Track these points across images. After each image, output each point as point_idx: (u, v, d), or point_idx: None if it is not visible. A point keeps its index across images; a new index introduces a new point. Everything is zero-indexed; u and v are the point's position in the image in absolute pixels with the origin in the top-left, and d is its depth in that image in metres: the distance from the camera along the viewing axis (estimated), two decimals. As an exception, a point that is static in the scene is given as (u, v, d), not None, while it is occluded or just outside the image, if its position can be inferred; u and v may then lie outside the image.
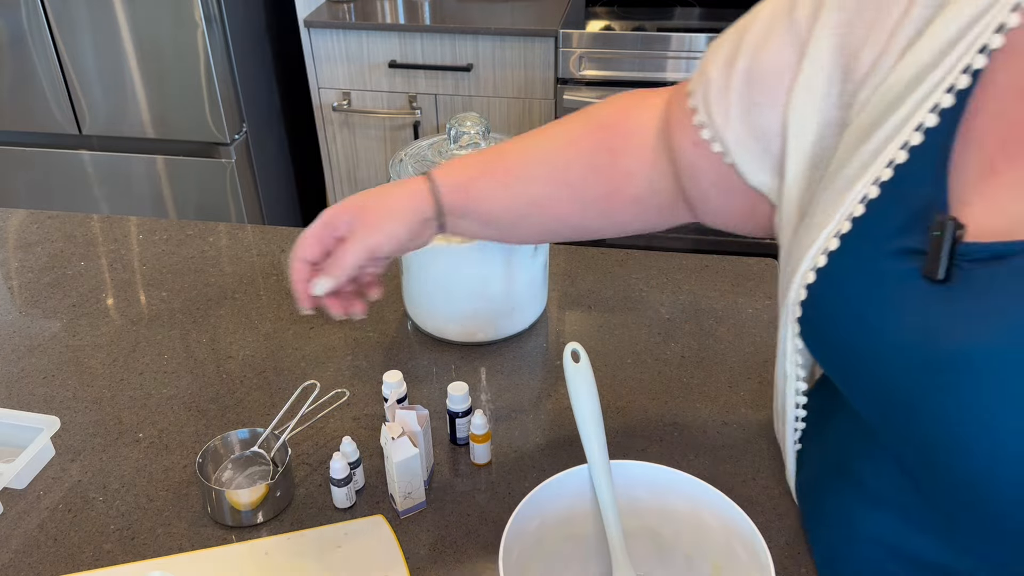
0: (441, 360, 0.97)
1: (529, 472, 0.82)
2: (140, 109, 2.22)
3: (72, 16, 2.11)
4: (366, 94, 2.32)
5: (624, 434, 0.86)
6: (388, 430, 0.75)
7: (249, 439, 0.82)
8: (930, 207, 0.53)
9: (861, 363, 0.56)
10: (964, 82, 0.52)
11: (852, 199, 0.56)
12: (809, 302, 0.59)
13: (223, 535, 0.76)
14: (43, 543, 0.76)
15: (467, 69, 2.21)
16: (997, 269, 0.50)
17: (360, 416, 0.89)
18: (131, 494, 0.80)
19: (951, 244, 0.51)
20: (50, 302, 1.07)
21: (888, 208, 0.55)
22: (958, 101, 0.53)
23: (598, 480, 0.66)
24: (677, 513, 0.66)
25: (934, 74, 0.53)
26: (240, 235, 1.21)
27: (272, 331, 1.01)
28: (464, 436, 0.84)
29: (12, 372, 0.95)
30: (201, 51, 2.11)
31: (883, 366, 0.54)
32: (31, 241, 1.20)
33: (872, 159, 0.56)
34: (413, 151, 0.97)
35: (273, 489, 0.77)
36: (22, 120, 2.29)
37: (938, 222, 0.51)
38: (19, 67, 2.20)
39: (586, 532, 0.68)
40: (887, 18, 0.57)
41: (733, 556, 0.63)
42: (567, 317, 1.04)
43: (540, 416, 0.89)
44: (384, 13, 2.27)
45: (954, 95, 0.53)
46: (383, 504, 0.79)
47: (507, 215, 0.76)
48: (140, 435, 0.87)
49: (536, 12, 2.25)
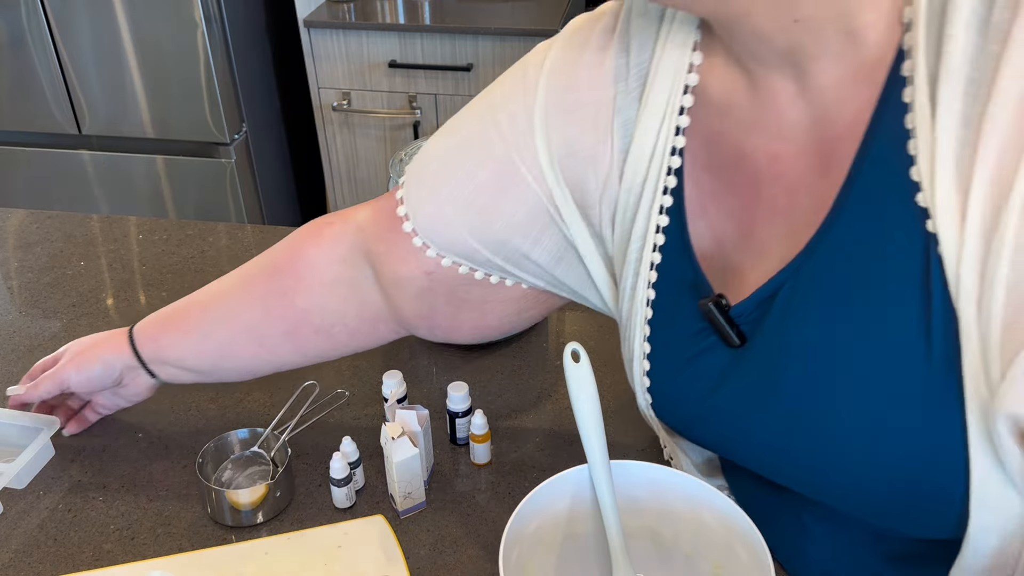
0: (441, 360, 0.97)
1: (529, 472, 0.82)
2: (140, 109, 2.22)
3: (72, 16, 2.10)
4: (366, 94, 2.31)
5: (624, 434, 0.86)
6: (388, 430, 0.75)
7: (249, 439, 0.82)
8: (696, 291, 0.61)
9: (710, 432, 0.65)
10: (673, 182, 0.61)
11: (640, 306, 0.65)
12: (651, 391, 0.68)
13: (223, 535, 0.76)
14: (43, 543, 0.76)
15: (467, 69, 2.21)
16: (772, 309, 0.57)
17: (360, 416, 0.89)
18: (131, 494, 0.80)
19: (725, 316, 0.59)
20: (50, 302, 1.07)
21: (670, 304, 0.63)
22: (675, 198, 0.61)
23: (598, 480, 0.66)
24: (677, 513, 0.66)
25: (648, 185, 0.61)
26: (240, 235, 1.21)
27: (272, 331, 1.01)
28: (464, 436, 0.84)
29: (12, 372, 0.95)
30: (201, 51, 2.11)
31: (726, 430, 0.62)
32: (31, 241, 1.20)
33: (637, 267, 0.64)
34: (413, 151, 0.97)
35: (273, 489, 0.77)
36: (22, 120, 2.29)
37: (704, 306, 0.59)
38: (19, 67, 2.20)
39: (586, 532, 0.68)
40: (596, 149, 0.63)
41: (733, 556, 0.63)
42: (567, 317, 1.04)
43: (540, 416, 0.89)
44: (384, 13, 2.27)
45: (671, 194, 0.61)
46: (383, 504, 0.79)
47: (201, 363, 0.81)
48: (140, 435, 0.87)
49: (536, 12, 2.25)
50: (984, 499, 0.50)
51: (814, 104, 0.54)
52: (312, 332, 0.78)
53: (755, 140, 0.57)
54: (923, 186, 0.48)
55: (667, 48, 0.59)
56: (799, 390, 0.56)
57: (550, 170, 0.64)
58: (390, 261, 0.72)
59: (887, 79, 0.50)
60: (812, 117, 0.54)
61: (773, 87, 0.55)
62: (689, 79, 0.59)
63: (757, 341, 0.58)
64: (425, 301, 0.74)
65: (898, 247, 0.50)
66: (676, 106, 0.59)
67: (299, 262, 0.77)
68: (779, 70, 0.54)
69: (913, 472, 0.52)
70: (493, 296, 0.73)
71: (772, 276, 0.57)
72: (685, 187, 0.61)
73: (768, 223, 0.58)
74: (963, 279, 0.47)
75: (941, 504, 0.53)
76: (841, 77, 0.52)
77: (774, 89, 0.55)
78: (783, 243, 0.57)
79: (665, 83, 0.59)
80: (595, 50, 0.62)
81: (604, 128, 0.62)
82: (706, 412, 0.63)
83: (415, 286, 0.72)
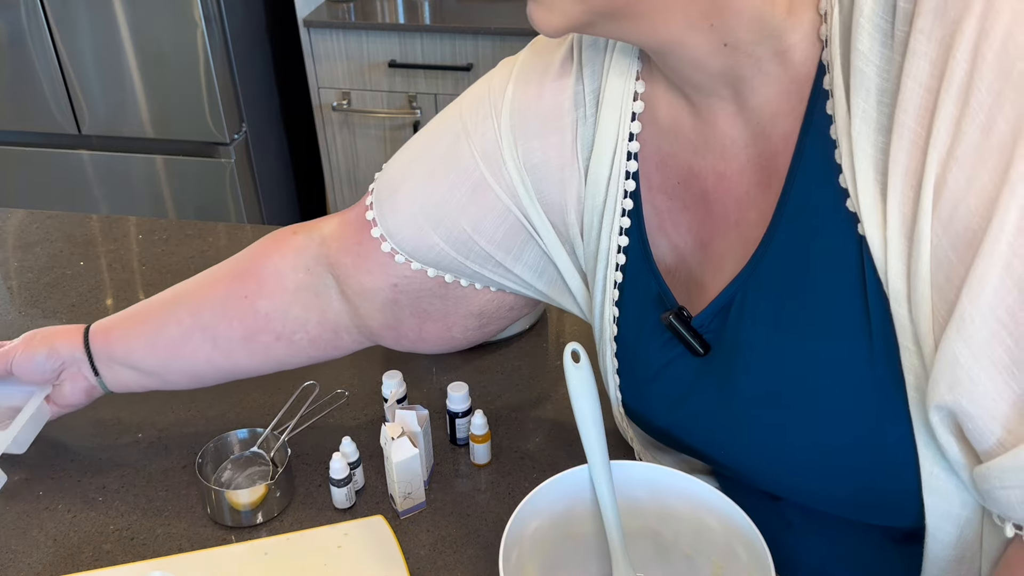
0: (441, 360, 0.97)
1: (529, 472, 0.82)
2: (139, 109, 2.22)
3: (71, 16, 2.10)
4: (366, 94, 2.31)
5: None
6: (388, 430, 0.75)
7: (249, 439, 0.82)
8: (661, 304, 0.64)
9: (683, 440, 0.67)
10: (629, 204, 0.63)
11: (608, 322, 0.67)
12: (624, 404, 0.70)
13: (223, 535, 0.76)
14: (43, 543, 0.76)
15: (467, 69, 2.21)
16: (729, 317, 0.59)
17: (360, 416, 0.89)
18: (131, 494, 0.80)
19: (687, 327, 0.61)
20: (50, 302, 1.07)
21: (636, 318, 0.66)
22: (633, 218, 0.64)
23: (598, 480, 0.66)
24: (677, 513, 0.66)
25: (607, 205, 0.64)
26: (240, 235, 1.21)
27: (272, 331, 1.01)
28: (464, 436, 0.84)
29: (12, 372, 0.95)
30: (201, 51, 2.11)
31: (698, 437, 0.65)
32: (31, 241, 1.20)
33: (604, 285, 0.66)
34: (413, 151, 0.97)
35: (273, 489, 0.77)
36: (21, 120, 2.29)
37: (666, 319, 0.62)
38: (18, 67, 2.19)
39: (586, 532, 0.68)
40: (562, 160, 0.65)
41: (733, 556, 0.63)
42: (567, 317, 1.04)
43: (540, 416, 0.89)
44: (384, 13, 2.27)
45: (628, 216, 0.64)
46: (383, 504, 0.79)
47: (149, 360, 0.80)
48: (140, 435, 0.87)
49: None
50: (935, 488, 0.53)
51: (751, 122, 0.56)
52: (273, 338, 0.77)
53: (702, 160, 0.60)
54: (850, 192, 0.51)
55: (611, 77, 0.62)
56: (753, 394, 0.59)
57: (523, 190, 0.67)
58: (356, 273, 0.73)
59: (811, 93, 0.53)
60: (750, 134, 0.57)
61: (713, 109, 0.57)
62: (636, 107, 0.62)
63: (718, 349, 0.61)
64: (391, 312, 0.75)
65: (834, 252, 0.53)
66: (625, 132, 0.62)
67: (262, 268, 0.77)
68: (716, 94, 0.56)
69: (866, 466, 0.55)
70: (456, 308, 0.75)
71: (726, 285, 0.60)
72: (644, 207, 0.64)
73: (723, 236, 0.60)
74: (891, 278, 0.49)
75: (898, 495, 0.55)
76: (773, 95, 0.54)
77: (713, 111, 0.57)
78: (737, 254, 0.59)
79: (614, 110, 0.62)
80: (556, 76, 0.65)
81: (569, 151, 0.65)
82: (678, 420, 0.66)
83: (381, 297, 0.73)
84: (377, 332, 0.77)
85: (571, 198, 0.66)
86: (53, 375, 0.81)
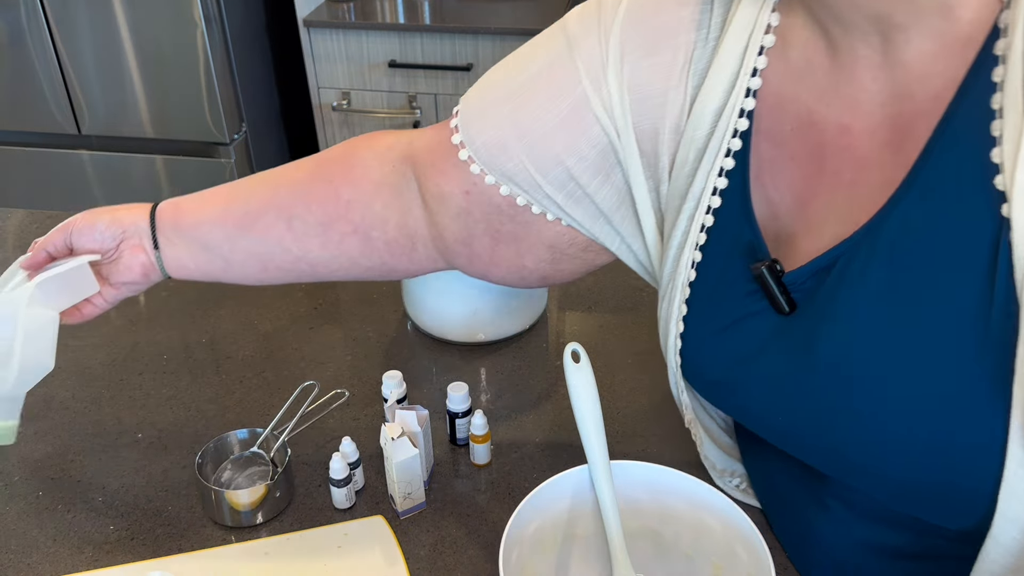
0: (441, 360, 0.97)
1: (529, 472, 0.82)
2: (139, 109, 2.22)
3: (71, 16, 2.10)
4: (366, 94, 2.31)
5: (624, 434, 0.86)
6: (388, 430, 0.75)
7: (249, 439, 0.82)
8: (752, 254, 0.60)
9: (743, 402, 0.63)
10: (737, 144, 0.59)
11: (685, 265, 0.63)
12: (683, 352, 0.66)
13: (223, 535, 0.76)
14: (43, 543, 0.76)
15: (467, 69, 2.21)
16: (827, 280, 0.56)
17: (360, 416, 0.89)
18: (131, 494, 0.80)
19: (778, 282, 0.57)
20: (50, 302, 1.07)
21: (720, 267, 0.62)
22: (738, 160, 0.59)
23: (598, 480, 0.66)
24: (677, 513, 0.66)
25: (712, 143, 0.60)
26: (240, 235, 1.21)
27: (272, 331, 1.01)
28: (464, 436, 0.84)
29: (12, 372, 0.95)
30: (201, 51, 2.11)
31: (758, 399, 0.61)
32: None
33: (688, 227, 0.62)
34: (413, 151, 0.97)
35: (273, 489, 0.77)
36: (21, 120, 2.29)
37: (757, 270, 0.58)
38: (18, 67, 2.19)
39: (586, 532, 0.68)
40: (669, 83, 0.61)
41: (733, 556, 0.63)
42: (567, 317, 1.04)
43: (540, 416, 0.89)
44: (384, 13, 2.27)
45: (733, 157, 0.59)
46: (383, 504, 0.79)
47: (217, 232, 0.75)
48: (139, 435, 0.87)
49: (536, 12, 2.25)
50: (1014, 491, 0.50)
51: (896, 77, 0.52)
52: (350, 230, 0.74)
53: (825, 109, 0.56)
54: (1003, 168, 0.47)
55: (744, 2, 0.57)
56: (842, 363, 0.55)
57: (620, 111, 0.62)
58: (433, 175, 0.70)
59: (977, 57, 0.49)
60: (891, 91, 0.53)
61: (854, 55, 0.53)
62: (765, 40, 0.57)
63: (806, 311, 0.57)
64: (463, 224, 0.71)
65: (967, 230, 0.49)
66: (749, 66, 0.57)
67: (350, 158, 0.74)
68: (863, 38, 0.52)
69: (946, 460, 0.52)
70: (527, 234, 0.70)
71: (830, 247, 0.56)
72: (751, 151, 0.59)
73: (829, 195, 0.57)
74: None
75: (969, 494, 0.52)
76: (929, 51, 0.50)
77: (855, 57, 0.53)
78: (842, 216, 0.56)
79: (739, 40, 0.57)
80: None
81: (679, 74, 0.60)
82: (742, 378, 0.62)
83: (455, 205, 0.70)
84: (452, 247, 0.73)
85: (668, 127, 0.62)
86: (113, 244, 0.76)
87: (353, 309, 1.05)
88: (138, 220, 0.76)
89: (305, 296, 1.07)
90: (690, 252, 0.63)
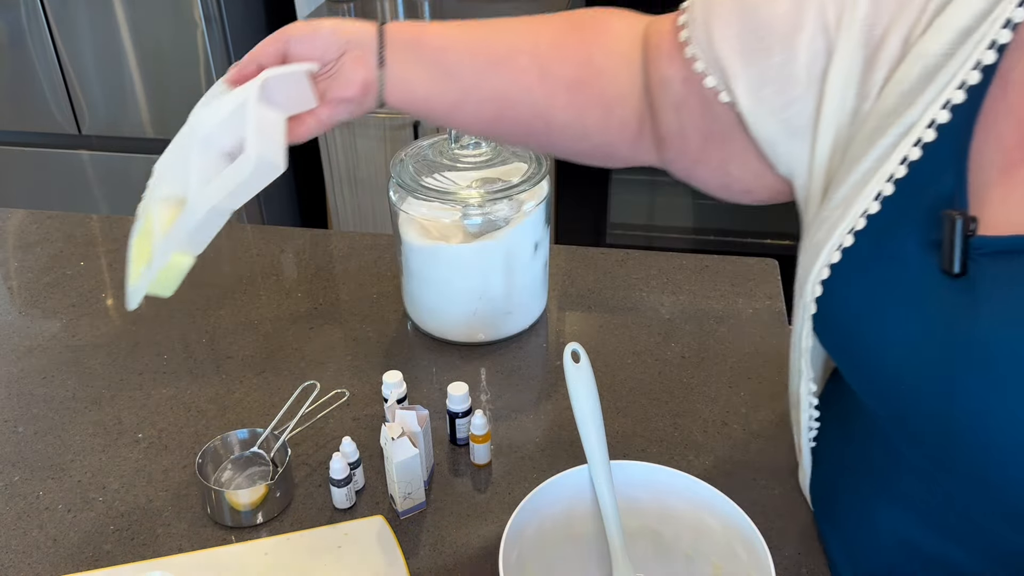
0: (441, 360, 0.97)
1: (529, 472, 0.82)
2: (139, 109, 2.22)
3: (72, 16, 2.10)
4: (366, 94, 2.31)
5: (624, 434, 0.86)
6: (388, 430, 0.75)
7: (249, 439, 0.82)
8: (948, 203, 0.53)
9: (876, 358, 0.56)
10: (975, 78, 0.52)
11: (868, 196, 0.56)
12: (824, 298, 0.59)
13: (223, 535, 0.76)
14: (43, 543, 0.76)
15: (467, 69, 2.21)
16: (1014, 262, 0.50)
17: (360, 416, 0.89)
18: (131, 494, 0.80)
19: (964, 239, 0.51)
20: (50, 302, 1.07)
21: (904, 205, 0.55)
22: (971, 97, 0.52)
23: (598, 480, 0.66)
24: (677, 513, 0.66)
25: (945, 70, 0.53)
26: (239, 235, 1.21)
27: (272, 331, 1.01)
28: (464, 436, 0.84)
29: (12, 372, 0.95)
30: (201, 51, 2.11)
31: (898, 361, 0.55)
32: (31, 241, 1.20)
33: (887, 154, 0.56)
34: (413, 151, 0.97)
35: (273, 489, 0.77)
36: (21, 120, 2.29)
37: (948, 218, 0.51)
38: (18, 67, 2.19)
39: (586, 532, 0.68)
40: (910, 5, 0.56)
41: (733, 556, 0.63)
42: (567, 317, 1.04)
43: (540, 416, 0.89)
44: (384, 13, 2.27)
45: (966, 91, 0.52)
46: (383, 504, 0.79)
47: (465, 62, 0.69)
48: (140, 435, 0.87)
49: (536, 12, 2.25)
50: None
51: None
52: (596, 96, 0.70)
53: None
54: None
55: None
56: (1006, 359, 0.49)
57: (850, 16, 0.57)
58: (659, 56, 0.67)
59: None
60: None
61: None
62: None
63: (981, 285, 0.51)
64: (678, 118, 0.68)
65: None
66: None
67: (603, 23, 0.71)
68: None
69: None
70: (733, 136, 0.66)
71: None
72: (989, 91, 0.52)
73: None
74: None
75: None
76: None
77: None
78: None
79: None
80: None
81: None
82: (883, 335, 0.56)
83: (673, 93, 0.67)
84: (666, 140, 0.70)
85: (895, 40, 0.56)
86: (335, 54, 0.69)
87: (353, 309, 1.05)
88: (364, 32, 0.69)
89: (305, 296, 1.08)
90: (879, 182, 0.56)
